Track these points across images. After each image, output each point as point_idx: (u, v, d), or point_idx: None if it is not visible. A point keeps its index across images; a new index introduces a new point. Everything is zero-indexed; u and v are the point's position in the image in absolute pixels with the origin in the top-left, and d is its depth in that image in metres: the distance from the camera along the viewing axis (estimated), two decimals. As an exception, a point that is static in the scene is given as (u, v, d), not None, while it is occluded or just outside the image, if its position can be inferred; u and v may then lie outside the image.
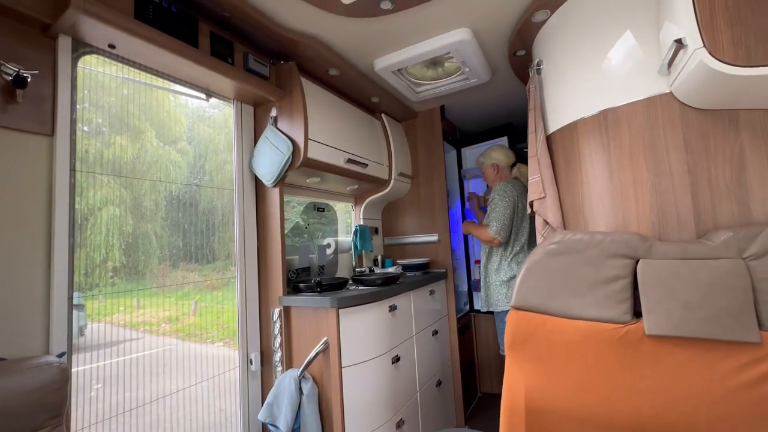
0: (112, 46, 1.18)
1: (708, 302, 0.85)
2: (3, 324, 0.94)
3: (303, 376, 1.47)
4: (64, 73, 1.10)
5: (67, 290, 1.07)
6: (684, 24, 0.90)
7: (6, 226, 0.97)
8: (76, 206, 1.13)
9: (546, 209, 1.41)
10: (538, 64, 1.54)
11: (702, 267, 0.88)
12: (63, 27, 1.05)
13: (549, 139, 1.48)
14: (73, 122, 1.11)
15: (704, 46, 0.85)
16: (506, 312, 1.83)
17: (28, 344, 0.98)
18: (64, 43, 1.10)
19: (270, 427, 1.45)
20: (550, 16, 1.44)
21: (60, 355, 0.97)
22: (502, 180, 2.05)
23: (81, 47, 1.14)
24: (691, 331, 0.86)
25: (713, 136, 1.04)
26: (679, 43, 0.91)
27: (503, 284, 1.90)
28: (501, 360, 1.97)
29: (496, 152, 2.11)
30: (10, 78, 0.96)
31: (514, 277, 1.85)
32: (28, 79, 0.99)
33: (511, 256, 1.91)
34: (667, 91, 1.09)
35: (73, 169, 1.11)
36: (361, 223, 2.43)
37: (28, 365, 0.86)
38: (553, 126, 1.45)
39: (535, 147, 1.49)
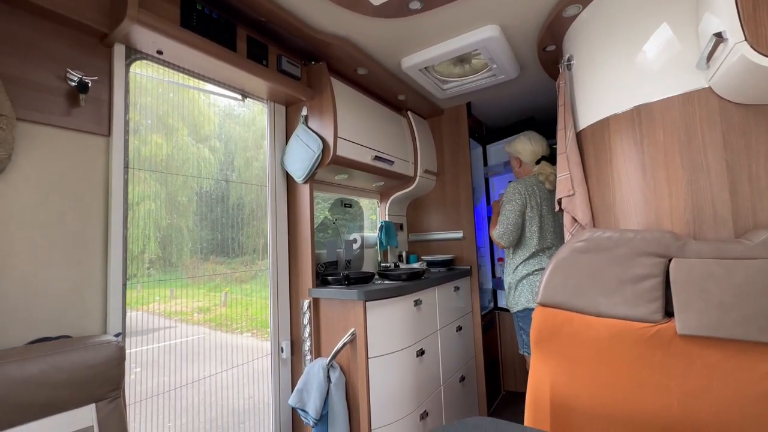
0: (160, 52, 1.27)
1: (744, 303, 0.84)
2: (69, 306, 1.05)
3: (331, 365, 1.53)
4: (119, 78, 1.19)
5: (122, 277, 1.17)
6: (725, 16, 0.87)
7: (72, 218, 1.07)
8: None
9: (575, 207, 1.40)
10: (569, 60, 1.52)
11: (738, 267, 0.86)
12: (118, 36, 1.14)
13: (579, 136, 1.46)
14: (126, 123, 1.21)
15: (746, 39, 0.82)
16: (518, 312, 1.79)
17: (89, 325, 1.09)
18: (119, 51, 1.19)
19: (300, 412, 1.53)
20: (582, 10, 1.42)
21: (117, 335, 1.07)
22: (524, 175, 1.93)
23: (133, 54, 1.24)
24: (725, 332, 0.85)
25: (755, 133, 1.00)
26: (719, 37, 0.89)
27: (511, 287, 1.83)
28: (525, 359, 1.93)
29: (520, 144, 1.94)
30: (75, 84, 1.07)
31: (521, 280, 1.78)
32: (89, 85, 1.09)
33: (521, 260, 1.80)
34: (706, 86, 1.06)
35: (126, 167, 1.21)
36: (387, 219, 2.47)
37: (91, 343, 0.96)
38: (584, 122, 1.43)
39: (565, 144, 1.47)
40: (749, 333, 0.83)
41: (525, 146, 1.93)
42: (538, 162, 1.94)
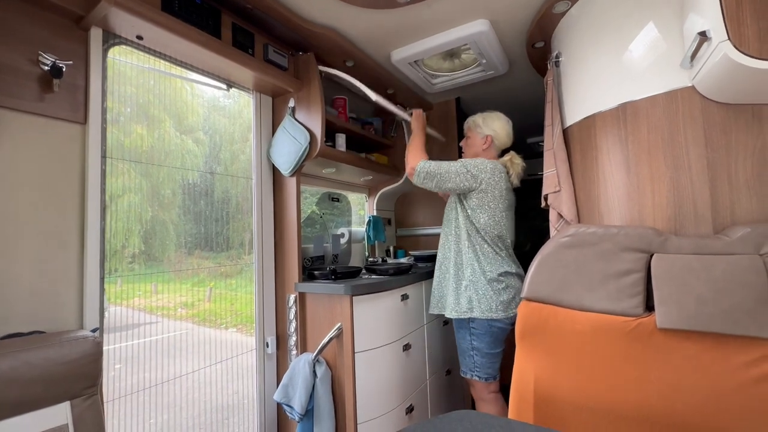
0: (140, 38, 1.22)
1: (722, 297, 0.86)
2: (41, 300, 1.01)
3: (317, 360, 1.52)
4: (96, 64, 1.14)
5: (99, 270, 1.13)
6: (709, 16, 0.88)
7: (45, 208, 1.03)
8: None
9: (561, 203, 1.42)
10: (557, 56, 1.53)
11: (717, 262, 0.88)
12: (95, 19, 1.09)
13: (566, 133, 1.47)
14: (103, 111, 1.17)
15: (729, 39, 0.84)
16: (475, 320, 1.47)
17: (65, 319, 1.05)
18: (96, 35, 1.14)
19: (285, 407, 1.52)
20: (571, 7, 1.42)
21: (93, 330, 1.03)
22: (488, 158, 1.61)
23: (111, 38, 1.19)
24: (703, 325, 0.87)
25: (735, 131, 1.02)
26: (703, 36, 0.90)
27: (481, 285, 1.47)
28: (511, 352, 1.38)
29: (498, 122, 1.63)
30: (48, 68, 1.01)
31: (491, 281, 1.46)
32: (63, 69, 1.04)
33: (491, 255, 1.50)
34: (689, 85, 1.08)
35: (103, 156, 1.17)
36: (375, 214, 2.46)
37: (66, 338, 0.93)
38: (571, 119, 1.44)
39: (552, 140, 1.48)
40: (725, 326, 0.85)
41: (504, 127, 1.64)
42: (503, 152, 1.67)
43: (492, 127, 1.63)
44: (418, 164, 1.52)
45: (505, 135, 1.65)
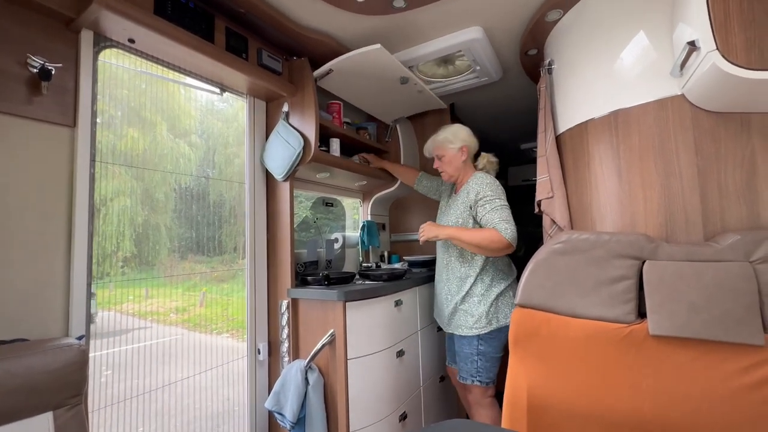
0: (131, 41, 1.21)
1: (713, 304, 0.86)
2: (26, 307, 0.99)
3: (309, 367, 1.50)
4: (86, 67, 1.13)
5: (86, 276, 1.11)
6: (697, 26, 0.90)
7: (31, 212, 1.01)
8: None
9: (554, 209, 1.42)
10: (550, 64, 1.54)
11: (708, 269, 0.88)
12: (86, 21, 1.08)
13: (558, 139, 1.48)
14: (93, 114, 1.15)
15: (717, 48, 0.85)
16: (485, 335, 1.50)
17: (49, 327, 1.03)
18: (87, 37, 1.13)
19: (276, 415, 1.49)
20: (563, 15, 1.44)
21: (79, 338, 1.01)
22: (471, 170, 1.62)
23: (102, 41, 1.18)
24: (694, 332, 0.87)
25: (724, 140, 1.04)
26: (692, 45, 0.92)
27: (506, 291, 1.55)
28: (504, 358, 1.49)
29: (464, 132, 1.61)
30: (36, 70, 1.00)
31: (499, 295, 1.52)
32: (53, 72, 1.02)
33: (498, 269, 1.57)
34: (679, 93, 1.09)
35: (93, 160, 1.15)
36: (369, 219, 2.45)
37: (50, 346, 0.90)
38: (563, 126, 1.45)
39: (545, 147, 1.49)
40: (717, 333, 0.85)
41: (470, 133, 1.62)
42: (476, 156, 1.67)
43: (461, 137, 1.60)
44: (506, 237, 1.35)
45: (474, 141, 1.63)
